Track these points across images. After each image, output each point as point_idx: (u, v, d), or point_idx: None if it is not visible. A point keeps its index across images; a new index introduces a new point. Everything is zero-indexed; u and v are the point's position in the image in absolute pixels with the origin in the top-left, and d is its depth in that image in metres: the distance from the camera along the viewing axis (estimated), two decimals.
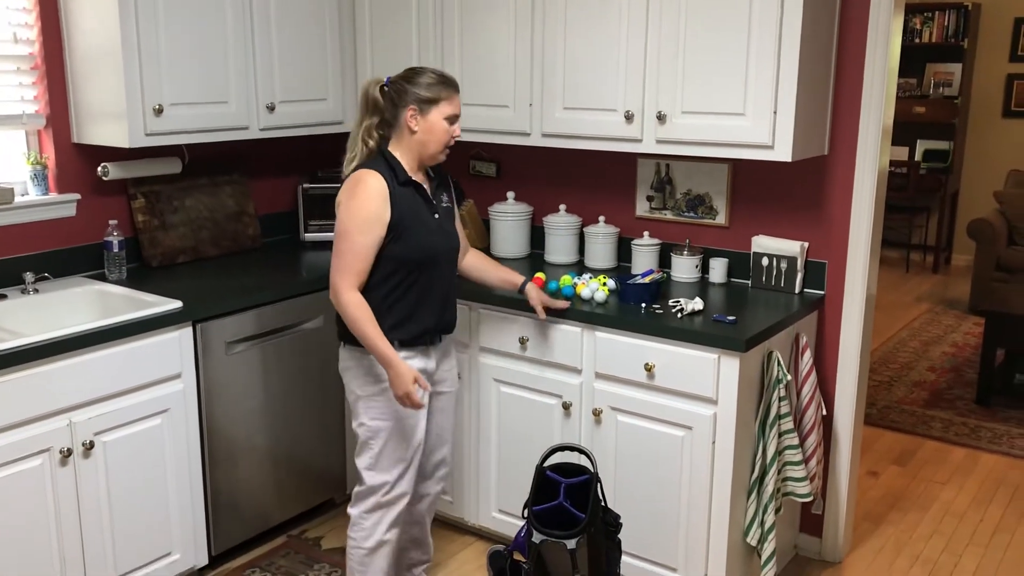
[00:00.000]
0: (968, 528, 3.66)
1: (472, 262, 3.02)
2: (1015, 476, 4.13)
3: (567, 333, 3.04)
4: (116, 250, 3.26)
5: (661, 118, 3.04)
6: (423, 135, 2.63)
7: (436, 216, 2.71)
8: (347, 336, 2.69)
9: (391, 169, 2.63)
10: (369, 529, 2.77)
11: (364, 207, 2.56)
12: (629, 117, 3.10)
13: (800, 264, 3.20)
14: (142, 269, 3.42)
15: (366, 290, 2.62)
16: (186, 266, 3.51)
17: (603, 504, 2.71)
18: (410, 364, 2.66)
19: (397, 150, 2.67)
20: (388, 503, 2.76)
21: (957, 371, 5.49)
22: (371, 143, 2.68)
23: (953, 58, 7.77)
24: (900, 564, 3.39)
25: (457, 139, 2.70)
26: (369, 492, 2.75)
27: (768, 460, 2.92)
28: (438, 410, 2.89)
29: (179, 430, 2.97)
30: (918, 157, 7.97)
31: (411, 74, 2.65)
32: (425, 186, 2.72)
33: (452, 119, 2.66)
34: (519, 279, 3.03)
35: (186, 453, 3.01)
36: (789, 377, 2.98)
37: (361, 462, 2.75)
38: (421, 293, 2.68)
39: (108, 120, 3.10)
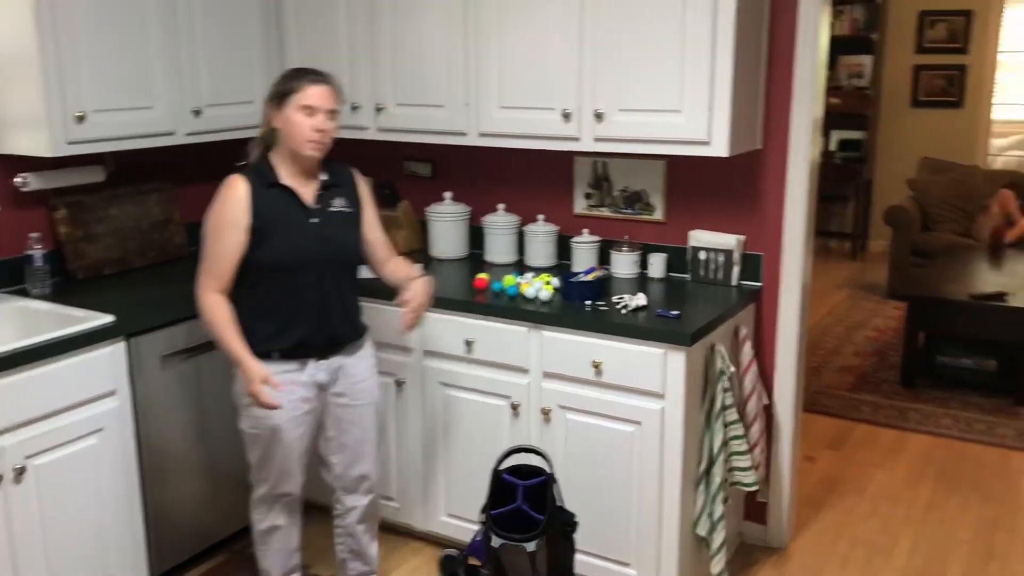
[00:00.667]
0: (903, 508, 3.78)
1: (390, 270, 2.86)
2: (942, 454, 4.27)
3: (514, 333, 3.02)
4: (39, 264, 3.13)
5: (599, 116, 3.04)
6: (284, 129, 2.61)
7: (314, 220, 2.65)
8: None
9: (258, 173, 2.62)
10: (263, 513, 2.86)
11: (220, 212, 2.59)
12: (567, 116, 3.10)
13: (737, 257, 3.24)
14: (66, 283, 3.28)
15: (239, 298, 2.62)
16: (113, 278, 3.38)
17: (559, 504, 2.70)
18: (293, 377, 2.65)
19: (276, 154, 2.66)
20: (274, 497, 2.83)
21: (881, 355, 5.66)
22: (255, 152, 2.69)
23: (864, 50, 7.99)
24: (842, 547, 3.47)
25: (323, 134, 2.58)
26: (259, 482, 2.83)
27: (715, 451, 2.95)
28: (348, 422, 2.82)
29: (115, 449, 2.86)
30: (833, 147, 8.19)
31: (282, 74, 2.67)
32: (303, 189, 2.65)
33: (310, 111, 2.56)
34: (412, 275, 2.81)
35: (123, 472, 2.90)
36: (733, 368, 3.02)
37: (249, 457, 2.81)
38: (293, 301, 2.63)
39: (26, 128, 2.95)
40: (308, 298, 2.65)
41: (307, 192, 2.67)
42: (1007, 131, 8.39)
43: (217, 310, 2.58)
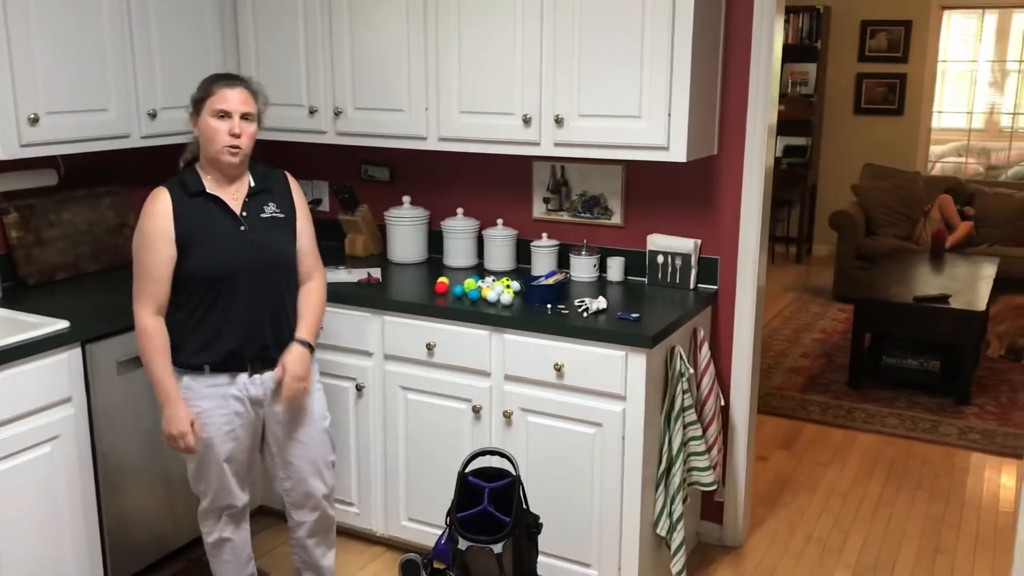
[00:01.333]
0: (853, 505, 3.87)
1: (303, 292, 2.74)
2: (889, 452, 4.39)
3: (475, 337, 3.04)
4: None
5: (559, 121, 3.07)
6: (202, 137, 2.57)
7: (242, 228, 2.60)
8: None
9: (183, 183, 2.58)
10: (211, 526, 2.84)
11: (146, 226, 2.53)
12: (527, 121, 3.12)
13: (694, 261, 3.29)
14: (18, 288, 3.22)
15: (173, 312, 2.57)
16: (66, 283, 3.32)
17: (525, 506, 2.72)
18: (223, 390, 2.62)
19: (201, 163, 2.62)
20: (218, 510, 2.81)
21: (828, 356, 5.78)
22: (185, 161, 2.67)
23: (808, 58, 8.17)
24: (795, 544, 3.55)
25: (238, 138, 2.52)
26: (200, 495, 2.81)
27: (674, 452, 3.00)
28: (290, 441, 2.76)
29: (71, 457, 2.81)
30: (779, 153, 8.35)
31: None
32: (230, 197, 2.61)
33: (224, 115, 2.52)
34: (297, 334, 2.71)
35: (79, 481, 2.85)
36: (691, 370, 3.07)
37: (187, 470, 2.79)
38: (223, 313, 2.58)
39: None
40: (238, 309, 2.59)
41: (235, 200, 2.62)
42: (945, 138, 8.63)
43: (153, 338, 2.52)
